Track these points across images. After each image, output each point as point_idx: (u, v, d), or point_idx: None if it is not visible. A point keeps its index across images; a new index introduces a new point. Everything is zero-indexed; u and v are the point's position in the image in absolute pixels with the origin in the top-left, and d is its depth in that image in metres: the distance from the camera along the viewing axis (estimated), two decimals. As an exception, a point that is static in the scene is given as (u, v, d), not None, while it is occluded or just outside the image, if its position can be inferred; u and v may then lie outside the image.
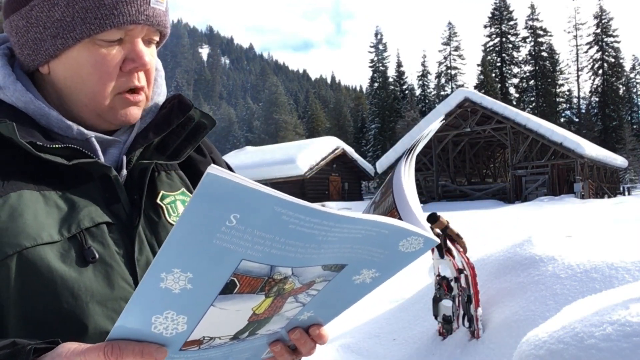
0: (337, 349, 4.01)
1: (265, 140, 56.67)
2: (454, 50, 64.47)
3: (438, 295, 3.73)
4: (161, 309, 0.51)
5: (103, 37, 0.79)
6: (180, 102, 0.91)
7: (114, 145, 0.86)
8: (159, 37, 0.87)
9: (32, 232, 0.71)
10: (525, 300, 3.44)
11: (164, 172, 0.89)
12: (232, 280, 0.51)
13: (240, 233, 0.46)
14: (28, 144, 0.74)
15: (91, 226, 0.76)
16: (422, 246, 0.58)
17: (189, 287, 0.50)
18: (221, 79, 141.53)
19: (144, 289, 0.49)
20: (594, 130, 54.06)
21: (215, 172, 0.42)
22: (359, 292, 0.63)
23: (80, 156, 0.78)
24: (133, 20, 0.79)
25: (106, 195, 0.80)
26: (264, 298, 0.56)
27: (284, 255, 0.50)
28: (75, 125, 0.82)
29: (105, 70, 0.80)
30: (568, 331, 1.99)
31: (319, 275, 0.56)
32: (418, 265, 7.73)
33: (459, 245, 3.69)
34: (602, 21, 59.13)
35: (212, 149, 1.02)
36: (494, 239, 9.64)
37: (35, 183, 0.76)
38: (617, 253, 3.58)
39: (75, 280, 0.71)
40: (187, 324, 0.54)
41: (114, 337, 0.53)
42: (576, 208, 18.17)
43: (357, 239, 0.54)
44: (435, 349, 3.69)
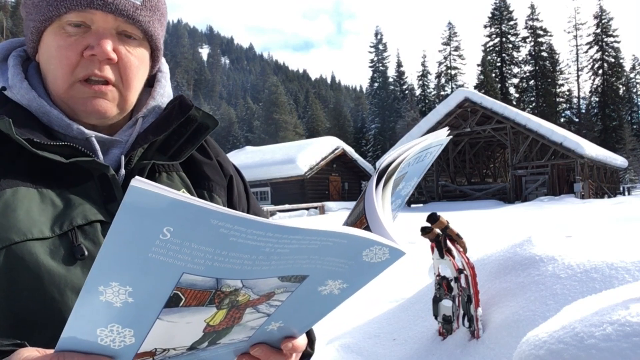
0: (337, 349, 4.01)
1: (265, 140, 56.67)
2: (454, 50, 64.49)
3: (438, 295, 3.73)
4: (105, 322, 0.50)
5: (66, 19, 0.80)
6: (182, 102, 0.91)
7: (116, 145, 0.87)
8: (141, 35, 0.86)
9: (23, 228, 0.72)
10: (525, 300, 3.44)
11: (165, 173, 0.89)
12: (175, 293, 0.50)
13: (177, 247, 0.45)
14: (25, 140, 0.76)
15: (84, 224, 0.76)
16: (389, 256, 0.55)
17: (131, 301, 0.48)
18: (221, 79, 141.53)
19: (83, 302, 0.48)
20: (594, 130, 54.07)
21: (139, 185, 0.40)
22: (329, 303, 0.61)
23: (79, 155, 0.79)
24: (88, 4, 0.79)
25: (104, 194, 0.81)
26: (216, 310, 0.54)
27: (229, 268, 0.49)
28: (75, 124, 0.83)
29: (64, 54, 0.81)
30: (568, 331, 1.99)
31: (278, 286, 0.55)
32: (418, 266, 7.73)
33: (459, 245, 3.69)
34: (602, 21, 59.13)
35: (219, 152, 1.02)
36: (494, 239, 9.64)
37: (33, 180, 0.77)
38: (617, 253, 3.58)
39: (62, 276, 0.72)
40: (134, 336, 0.53)
41: (62, 347, 0.52)
42: (576, 208, 18.17)
43: (312, 250, 0.51)
44: (435, 349, 3.69)
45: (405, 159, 0.65)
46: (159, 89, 0.94)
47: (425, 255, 6.99)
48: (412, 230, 3.72)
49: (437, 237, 3.64)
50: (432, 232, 3.60)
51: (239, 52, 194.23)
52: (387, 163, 0.64)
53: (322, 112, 72.89)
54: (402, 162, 0.65)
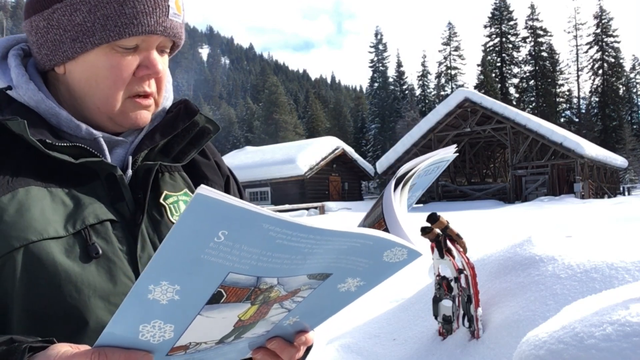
0: (337, 349, 4.01)
1: (265, 140, 56.65)
2: (454, 50, 64.48)
3: (438, 295, 3.72)
4: (149, 318, 0.53)
5: (121, 44, 0.82)
6: (187, 107, 0.94)
7: (121, 145, 0.89)
8: (173, 48, 0.92)
9: (39, 227, 0.74)
10: (525, 300, 3.44)
11: (168, 173, 0.92)
12: (219, 291, 0.53)
13: (228, 248, 0.48)
14: (38, 141, 0.77)
15: (95, 223, 0.78)
16: (406, 257, 0.60)
17: (177, 299, 0.51)
18: (221, 79, 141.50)
19: (131, 300, 0.51)
20: (594, 130, 54.05)
21: (205, 193, 0.44)
22: (344, 300, 0.65)
23: (88, 155, 0.81)
24: (151, 31, 0.82)
25: (111, 194, 0.82)
26: (250, 306, 0.58)
27: (270, 267, 0.52)
28: (84, 125, 0.84)
29: (119, 75, 0.83)
30: (568, 331, 1.99)
31: (305, 283, 0.58)
32: (418, 266, 7.73)
33: (459, 245, 3.69)
34: (602, 21, 59.12)
35: (216, 153, 1.05)
36: (494, 239, 9.64)
37: (43, 180, 0.79)
38: (617, 253, 3.57)
39: (79, 274, 0.74)
40: (174, 331, 0.56)
41: (101, 343, 0.55)
42: (576, 208, 18.17)
43: (341, 250, 0.55)
44: (435, 349, 3.69)
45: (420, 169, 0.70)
46: (164, 93, 0.96)
47: (425, 255, 6.98)
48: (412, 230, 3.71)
49: (437, 237, 3.64)
50: (432, 232, 3.60)
51: (239, 52, 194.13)
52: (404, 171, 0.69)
53: (322, 112, 72.83)
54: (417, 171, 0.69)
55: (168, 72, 0.98)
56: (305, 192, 31.14)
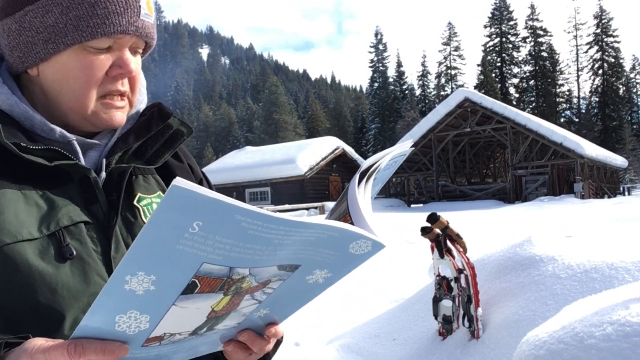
0: (337, 349, 4.01)
1: (265, 140, 56.66)
2: (454, 50, 64.51)
3: (438, 295, 3.72)
4: (125, 309, 0.54)
5: (93, 44, 0.83)
6: (160, 110, 0.95)
7: (95, 148, 0.90)
8: (146, 48, 0.93)
9: (13, 229, 0.74)
10: (525, 300, 3.44)
11: (142, 176, 0.93)
12: (193, 281, 0.54)
13: (202, 239, 0.49)
14: (12, 144, 0.78)
15: (70, 225, 0.79)
16: (371, 249, 0.62)
17: (152, 289, 0.53)
18: (221, 79, 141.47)
19: (109, 291, 0.52)
20: (594, 130, 54.07)
21: (181, 184, 0.45)
22: (312, 292, 0.67)
23: (61, 158, 0.82)
24: (123, 31, 0.83)
25: (85, 196, 0.83)
26: (223, 296, 0.59)
27: (243, 258, 0.54)
28: (57, 128, 0.85)
29: (91, 74, 0.84)
30: (568, 331, 1.99)
31: (275, 274, 0.60)
32: (418, 266, 7.73)
33: (459, 245, 3.69)
34: (602, 21, 59.14)
35: (189, 157, 1.07)
36: (494, 239, 9.64)
37: (17, 182, 0.79)
38: (617, 253, 3.57)
39: (53, 275, 0.75)
40: (149, 322, 0.57)
41: (77, 335, 0.56)
42: (576, 208, 18.17)
43: (309, 241, 0.57)
44: (435, 349, 3.69)
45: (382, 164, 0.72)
46: (138, 96, 0.96)
47: (425, 255, 6.98)
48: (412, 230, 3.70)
49: (437, 237, 3.64)
50: (432, 232, 3.60)
51: (239, 52, 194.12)
52: (367, 166, 0.71)
53: (322, 112, 72.82)
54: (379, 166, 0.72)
55: (142, 75, 0.98)
56: (305, 192, 31.14)
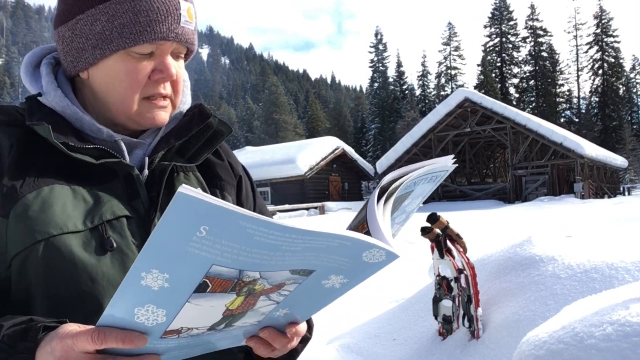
0: (337, 349, 4.01)
1: (265, 140, 56.63)
2: (454, 50, 64.50)
3: (438, 295, 3.72)
4: (142, 302, 0.58)
5: (136, 50, 0.89)
6: (201, 110, 1.01)
7: (140, 147, 0.96)
8: (186, 52, 0.98)
9: (59, 222, 0.81)
10: (525, 300, 3.44)
11: (183, 173, 0.98)
12: (204, 281, 0.58)
13: (210, 242, 0.53)
14: (61, 144, 0.85)
15: (112, 219, 0.85)
16: (385, 258, 0.64)
17: (166, 286, 0.57)
18: (221, 79, 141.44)
19: (126, 285, 0.57)
20: (594, 130, 54.05)
21: (186, 192, 0.49)
22: (331, 295, 0.70)
23: (107, 156, 0.88)
24: (163, 37, 0.89)
25: (129, 192, 0.90)
26: (236, 296, 0.62)
27: (251, 262, 0.57)
28: (104, 128, 0.92)
29: (135, 78, 0.91)
30: (568, 331, 1.98)
31: (288, 278, 0.63)
32: (418, 266, 7.73)
33: (459, 245, 3.69)
34: (602, 21, 59.12)
35: (230, 155, 1.11)
36: (494, 239, 9.64)
37: (66, 179, 0.86)
38: (617, 253, 3.57)
39: (94, 266, 0.81)
40: (166, 316, 0.61)
41: (101, 324, 0.61)
42: (576, 208, 18.17)
43: (320, 249, 0.59)
44: (435, 349, 3.69)
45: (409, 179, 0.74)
46: (182, 97, 1.02)
47: (425, 255, 6.98)
48: (412, 230, 3.70)
49: (437, 237, 3.64)
50: (432, 232, 3.60)
51: (239, 52, 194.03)
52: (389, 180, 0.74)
53: (322, 112, 72.78)
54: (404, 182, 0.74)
55: (186, 78, 1.04)
56: (305, 192, 31.13)
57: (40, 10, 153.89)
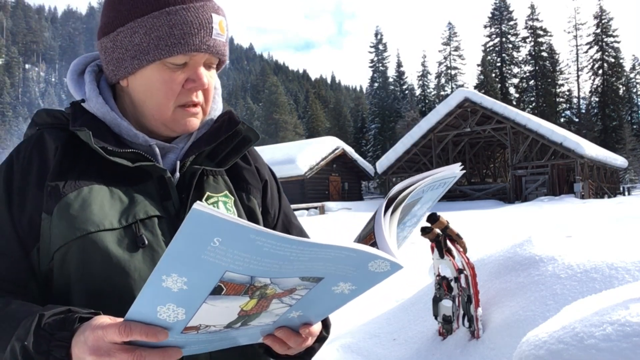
0: (337, 349, 4.01)
1: (265, 140, 56.60)
2: (454, 50, 64.47)
3: (438, 295, 3.72)
4: (164, 301, 0.65)
5: (171, 60, 0.96)
6: (230, 118, 1.07)
7: (172, 151, 1.03)
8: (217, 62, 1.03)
9: (97, 220, 0.88)
10: (525, 300, 3.44)
11: (212, 176, 1.03)
12: (219, 285, 0.64)
13: (223, 252, 0.59)
14: (100, 148, 0.92)
15: (145, 218, 0.92)
16: (389, 268, 0.69)
17: (185, 288, 0.63)
18: (221, 79, 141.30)
19: (149, 286, 0.63)
20: (594, 130, 54.02)
21: (199, 208, 0.54)
22: (341, 300, 0.75)
23: (142, 160, 0.95)
24: (196, 49, 0.95)
25: (161, 193, 0.96)
26: (249, 299, 0.68)
27: (261, 269, 0.63)
28: (141, 134, 0.99)
29: (170, 87, 0.97)
30: (568, 331, 1.98)
31: (299, 284, 0.68)
32: (418, 266, 7.73)
33: (459, 245, 3.69)
34: (602, 21, 59.10)
35: (258, 159, 1.17)
36: (494, 239, 9.63)
37: (104, 180, 0.93)
38: (617, 253, 3.57)
39: (127, 261, 0.87)
40: (185, 314, 0.67)
41: (128, 318, 0.68)
42: (576, 208, 18.17)
43: (328, 259, 0.65)
44: (435, 349, 3.69)
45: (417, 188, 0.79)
46: (213, 104, 1.09)
47: (425, 255, 6.97)
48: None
49: (437, 237, 3.63)
50: (432, 232, 3.60)
51: (239, 52, 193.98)
52: (397, 191, 0.79)
53: (322, 112, 72.73)
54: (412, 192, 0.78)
55: (218, 86, 1.11)
56: (305, 192, 31.13)
57: (40, 10, 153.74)
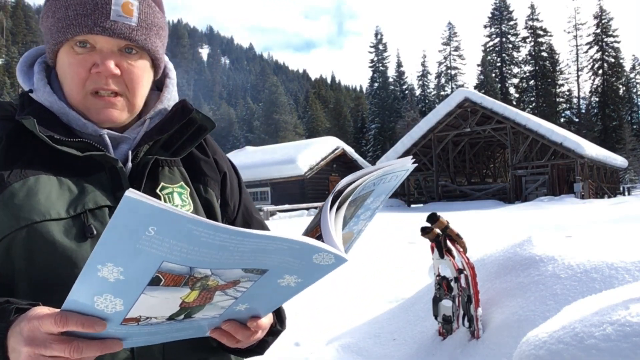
0: (337, 349, 4.01)
1: (265, 140, 56.63)
2: (454, 50, 64.51)
3: (438, 295, 3.72)
4: (100, 291, 0.63)
5: (74, 42, 0.93)
6: (184, 106, 1.05)
7: (125, 141, 1.00)
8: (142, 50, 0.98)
9: (43, 209, 0.86)
10: (525, 300, 3.44)
11: (167, 167, 1.01)
12: (157, 276, 0.62)
13: (159, 241, 0.57)
14: (47, 137, 0.89)
15: (94, 208, 0.90)
16: (334, 261, 0.67)
17: (121, 278, 0.61)
18: (221, 79, 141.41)
19: (85, 275, 0.61)
20: (594, 130, 54.05)
21: (132, 195, 0.53)
22: (287, 293, 0.74)
23: (92, 149, 0.93)
24: (89, 30, 0.92)
25: (112, 184, 0.93)
26: (190, 290, 0.66)
27: (200, 260, 0.61)
28: (90, 124, 0.96)
29: (75, 70, 0.94)
30: (568, 331, 1.99)
31: (242, 276, 0.67)
32: (418, 266, 7.73)
33: (459, 245, 3.69)
34: (602, 21, 59.11)
35: (217, 151, 1.13)
36: (494, 239, 9.64)
37: (53, 170, 0.91)
38: (617, 253, 3.57)
39: (74, 251, 0.85)
40: (123, 305, 0.65)
41: (65, 308, 0.66)
42: (576, 208, 18.17)
43: (270, 250, 0.63)
44: (435, 349, 3.69)
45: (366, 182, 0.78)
46: (166, 94, 1.07)
47: (425, 255, 6.97)
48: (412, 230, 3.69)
49: (437, 237, 3.64)
50: (432, 232, 3.60)
51: (239, 52, 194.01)
52: (344, 184, 0.77)
53: (322, 112, 72.73)
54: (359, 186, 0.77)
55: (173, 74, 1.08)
56: (305, 192, 31.13)
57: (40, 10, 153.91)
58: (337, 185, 0.78)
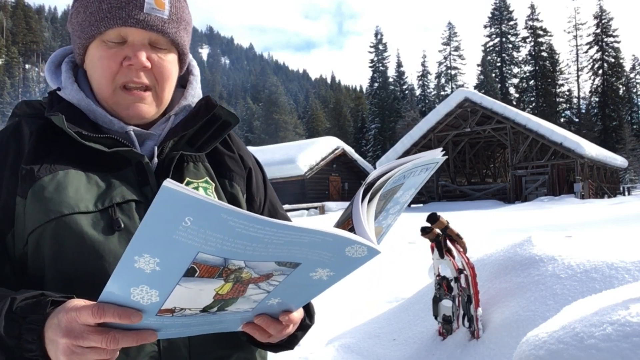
0: (337, 349, 4.01)
1: (265, 140, 56.63)
2: (454, 50, 64.52)
3: (438, 295, 3.72)
4: (137, 283, 0.64)
5: (106, 37, 0.95)
6: (208, 102, 1.06)
7: (151, 138, 1.02)
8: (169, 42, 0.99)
9: (72, 203, 0.88)
10: (525, 300, 3.44)
11: (192, 163, 1.02)
12: (192, 267, 0.63)
13: (195, 232, 0.58)
14: (75, 133, 0.92)
15: (121, 202, 0.92)
16: (367, 254, 0.68)
17: (158, 269, 0.62)
18: (221, 79, 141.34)
19: (121, 267, 0.62)
20: (594, 130, 54.05)
21: (170, 185, 0.53)
22: (319, 286, 0.74)
23: (119, 145, 0.95)
24: (123, 23, 0.93)
25: (139, 179, 0.96)
26: (224, 282, 0.67)
27: (235, 251, 0.62)
28: (116, 120, 0.98)
29: (106, 64, 0.95)
30: (568, 331, 1.98)
31: (275, 269, 0.67)
32: (418, 266, 7.73)
33: (459, 245, 3.69)
34: (602, 21, 59.11)
35: (241, 147, 1.15)
36: (494, 239, 9.63)
37: (81, 165, 0.93)
38: (617, 253, 3.57)
39: (102, 243, 0.87)
40: (159, 296, 0.66)
41: (101, 300, 0.67)
42: (576, 208, 18.16)
43: (303, 243, 0.64)
44: (435, 349, 3.69)
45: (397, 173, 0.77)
46: (190, 90, 1.08)
47: (425, 255, 6.97)
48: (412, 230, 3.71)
49: (437, 237, 3.63)
50: (432, 232, 3.60)
51: (239, 52, 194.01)
52: (374, 177, 0.77)
53: (322, 112, 72.72)
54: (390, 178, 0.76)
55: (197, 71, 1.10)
56: (305, 192, 31.12)
57: (40, 10, 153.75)
58: (368, 177, 0.77)
